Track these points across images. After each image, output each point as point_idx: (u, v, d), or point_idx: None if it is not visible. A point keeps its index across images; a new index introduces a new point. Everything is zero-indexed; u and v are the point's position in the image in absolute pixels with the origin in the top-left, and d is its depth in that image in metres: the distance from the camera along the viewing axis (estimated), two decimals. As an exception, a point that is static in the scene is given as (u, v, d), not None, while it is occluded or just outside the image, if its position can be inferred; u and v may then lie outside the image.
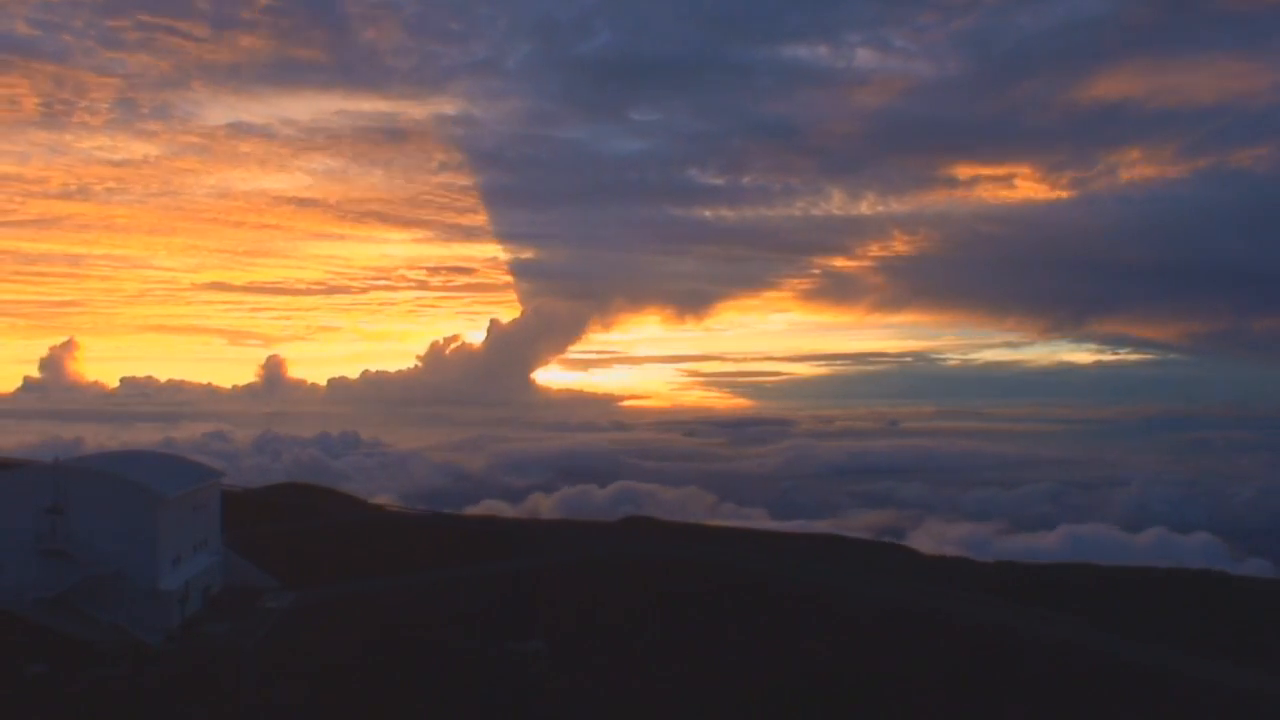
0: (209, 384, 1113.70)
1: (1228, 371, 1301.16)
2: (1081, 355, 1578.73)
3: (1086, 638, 69.08)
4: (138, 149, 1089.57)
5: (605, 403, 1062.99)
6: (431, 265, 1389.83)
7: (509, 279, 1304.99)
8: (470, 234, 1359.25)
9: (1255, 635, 72.04)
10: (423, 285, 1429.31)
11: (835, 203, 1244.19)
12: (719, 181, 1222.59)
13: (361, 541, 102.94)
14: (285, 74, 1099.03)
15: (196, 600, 75.09)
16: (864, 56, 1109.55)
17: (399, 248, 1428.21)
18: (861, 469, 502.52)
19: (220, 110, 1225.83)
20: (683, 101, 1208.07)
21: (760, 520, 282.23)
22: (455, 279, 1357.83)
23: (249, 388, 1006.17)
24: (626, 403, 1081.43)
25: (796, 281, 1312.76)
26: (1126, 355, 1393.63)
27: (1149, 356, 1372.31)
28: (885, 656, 63.59)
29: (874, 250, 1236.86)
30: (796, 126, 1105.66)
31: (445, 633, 68.47)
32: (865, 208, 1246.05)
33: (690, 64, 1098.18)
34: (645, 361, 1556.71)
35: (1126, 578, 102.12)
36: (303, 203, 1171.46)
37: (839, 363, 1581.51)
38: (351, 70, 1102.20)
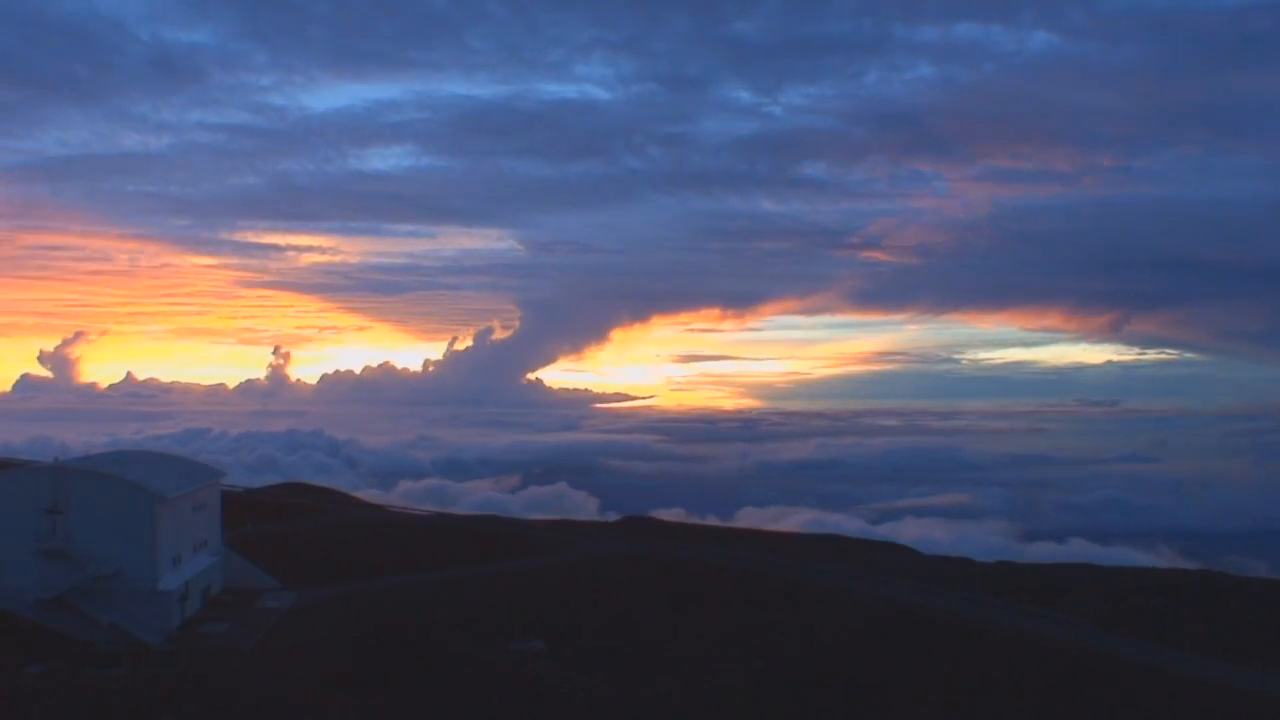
0: (219, 383, 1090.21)
1: (1250, 372, 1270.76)
2: (1093, 355, 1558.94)
3: (1086, 638, 69.06)
4: (210, 136, 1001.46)
5: (603, 402, 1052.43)
6: (490, 262, 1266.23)
7: (559, 278, 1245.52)
8: (545, 231, 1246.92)
9: (1255, 635, 72.01)
10: (472, 283, 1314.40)
11: (935, 199, 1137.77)
12: (828, 174, 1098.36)
13: (361, 541, 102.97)
14: (399, 52, 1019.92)
15: (196, 600, 75.06)
16: (1038, 40, 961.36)
17: (466, 242, 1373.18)
18: (778, 469, 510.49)
19: (327, 95, 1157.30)
20: (826, 86, 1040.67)
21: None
22: (504, 279, 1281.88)
23: (243, 387, 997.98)
24: (627, 403, 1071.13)
25: (855, 281, 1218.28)
26: (1144, 356, 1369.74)
27: (1168, 356, 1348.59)
28: (885, 656, 63.56)
29: (953, 247, 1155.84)
30: (925, 116, 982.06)
31: (445, 633, 68.43)
32: (961, 207, 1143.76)
33: (850, 44, 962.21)
34: (666, 362, 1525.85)
35: (1126, 578, 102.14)
36: (375, 198, 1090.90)
37: (861, 362, 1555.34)
38: (472, 50, 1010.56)
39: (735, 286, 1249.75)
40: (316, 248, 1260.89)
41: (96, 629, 65.66)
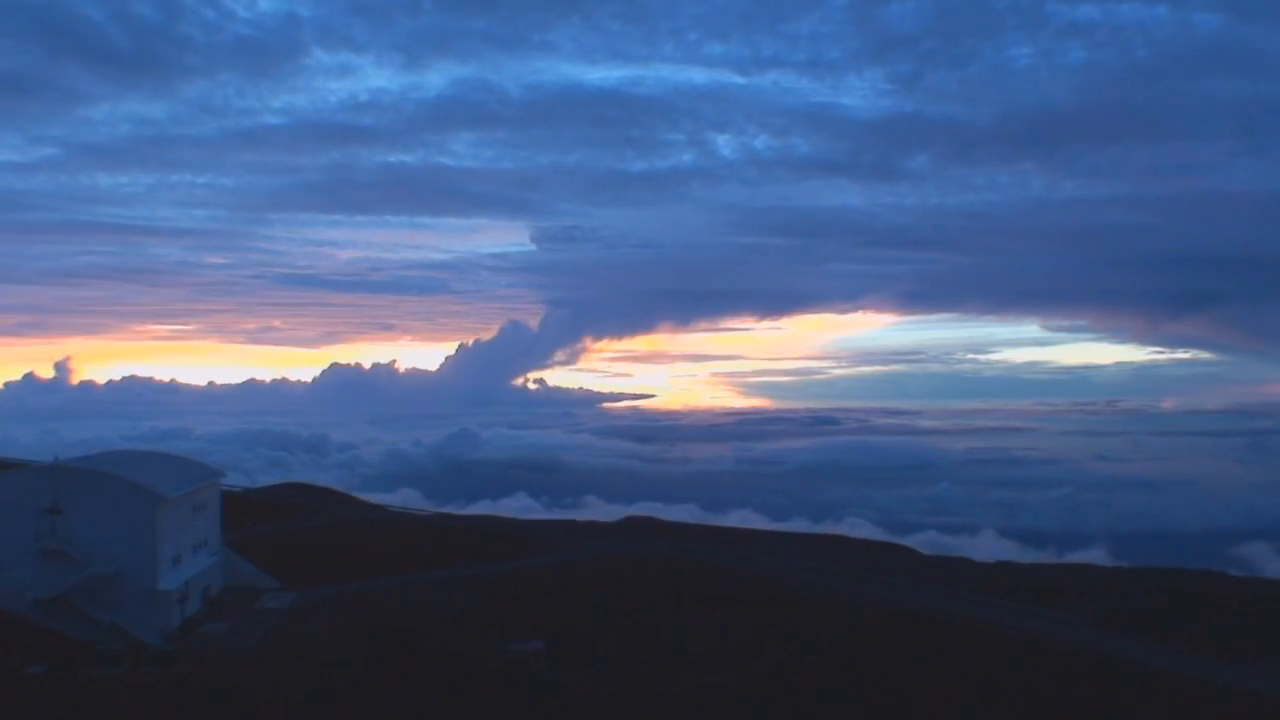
0: (220, 384, 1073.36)
1: (1265, 372, 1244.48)
2: (1104, 355, 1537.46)
3: (1086, 638, 69.09)
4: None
5: (601, 402, 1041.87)
6: (539, 260, 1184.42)
7: (605, 277, 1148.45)
8: (615, 228, 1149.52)
9: (1255, 635, 72.03)
10: (512, 281, 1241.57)
11: (1025, 195, 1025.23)
12: (929, 168, 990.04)
13: (361, 541, 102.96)
14: (518, 33, 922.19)
15: (196, 600, 75.06)
16: (1203, 23, 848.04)
17: (524, 238, 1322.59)
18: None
19: (431, 76, 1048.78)
20: (970, 73, 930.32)
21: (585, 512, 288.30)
22: (551, 277, 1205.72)
23: (242, 386, 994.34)
24: (623, 403, 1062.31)
25: (909, 281, 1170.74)
26: (1158, 356, 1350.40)
27: (1185, 356, 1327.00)
28: (885, 657, 63.57)
29: (1024, 247, 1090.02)
30: (1054, 108, 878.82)
31: (445, 633, 68.46)
32: (1046, 206, 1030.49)
33: (1007, 26, 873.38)
34: (679, 361, 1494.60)
35: (1126, 578, 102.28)
36: (444, 192, 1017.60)
37: (881, 363, 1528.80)
38: (600, 30, 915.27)
39: (787, 286, 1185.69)
40: (374, 243, 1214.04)
41: (96, 629, 65.66)
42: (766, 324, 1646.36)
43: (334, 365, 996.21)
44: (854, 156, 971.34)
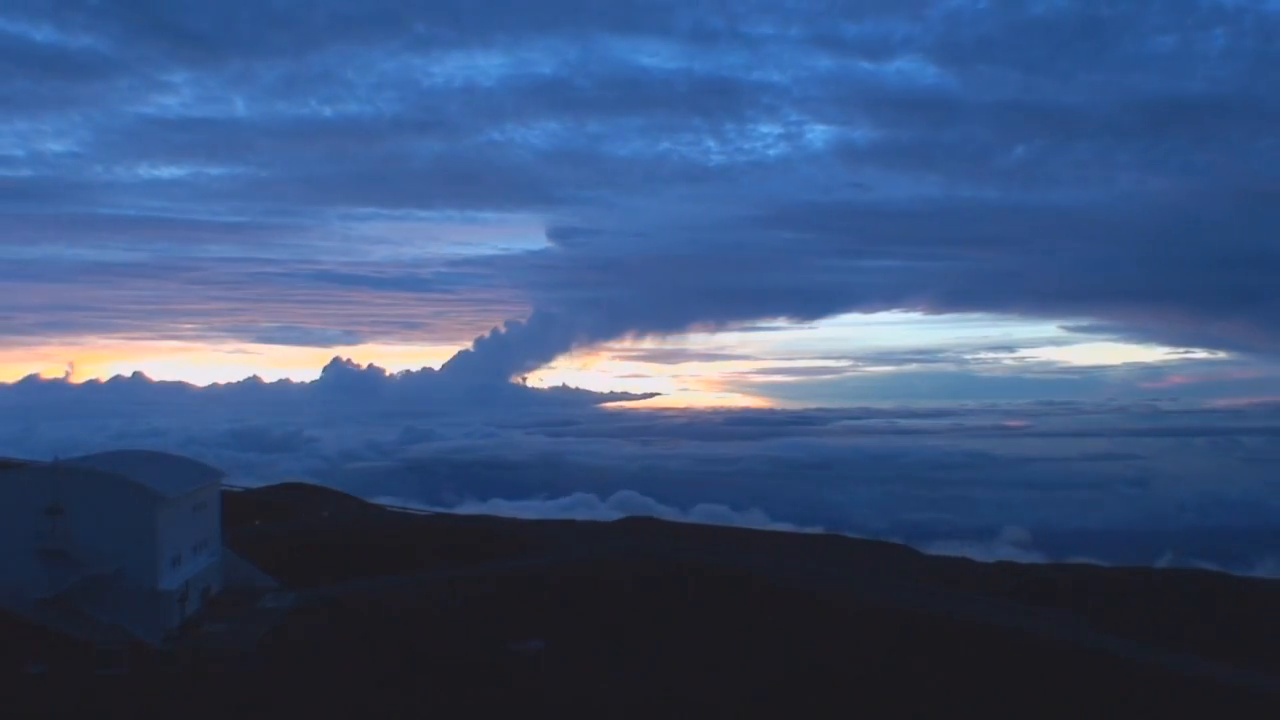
0: (220, 383, 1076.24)
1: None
2: (1113, 355, 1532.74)
3: (1086, 638, 69.11)
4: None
5: (598, 402, 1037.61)
6: (579, 258, 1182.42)
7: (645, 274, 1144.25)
8: (677, 226, 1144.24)
9: (1255, 635, 72.15)
10: (549, 280, 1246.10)
11: (1105, 192, 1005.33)
12: (1019, 162, 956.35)
13: (361, 541, 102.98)
14: (643, 13, 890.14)
15: (196, 600, 75.05)
16: None
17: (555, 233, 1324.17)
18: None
19: (542, 57, 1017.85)
20: (1106, 60, 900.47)
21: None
22: (580, 275, 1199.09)
23: (239, 385, 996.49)
24: (619, 403, 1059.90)
25: (951, 280, 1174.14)
26: (1169, 356, 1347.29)
27: (1198, 356, 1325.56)
28: (885, 656, 63.59)
29: (1083, 245, 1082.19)
30: (1173, 100, 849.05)
31: (445, 633, 68.46)
32: (1119, 202, 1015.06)
33: (1150, 10, 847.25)
34: (689, 360, 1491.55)
35: (1126, 578, 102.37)
36: (488, 184, 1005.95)
37: (894, 363, 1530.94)
38: (726, 11, 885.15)
39: (829, 282, 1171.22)
40: (433, 238, 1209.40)
41: (96, 629, 65.59)
42: (801, 326, 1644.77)
43: (335, 362, 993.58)
44: (952, 150, 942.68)
